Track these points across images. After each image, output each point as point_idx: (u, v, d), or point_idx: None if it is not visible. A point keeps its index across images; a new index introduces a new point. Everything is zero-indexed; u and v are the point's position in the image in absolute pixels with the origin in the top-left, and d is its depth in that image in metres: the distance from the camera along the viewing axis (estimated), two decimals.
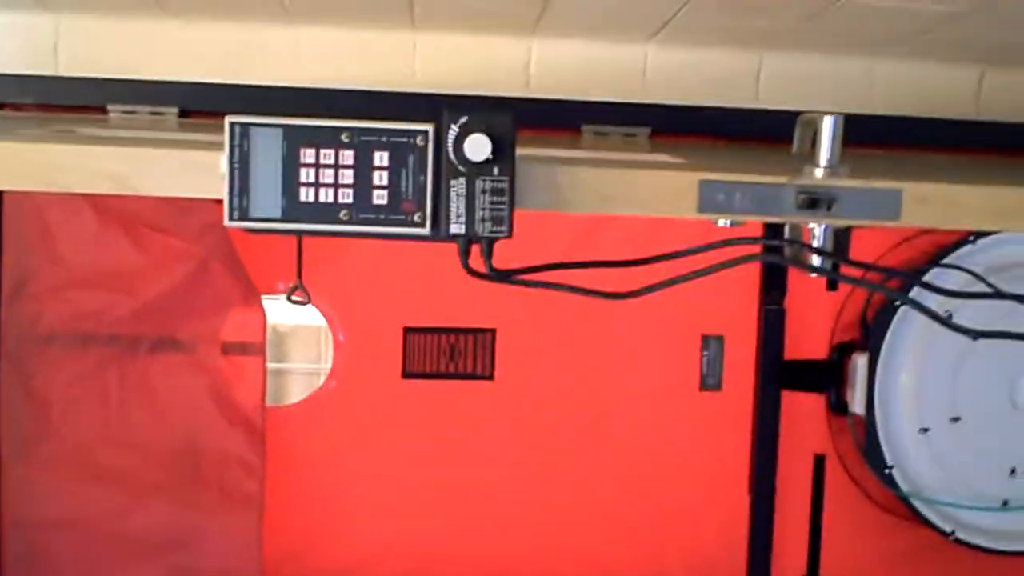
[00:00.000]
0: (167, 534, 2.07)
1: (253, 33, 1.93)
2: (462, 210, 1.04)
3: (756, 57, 2.04)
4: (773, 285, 2.12)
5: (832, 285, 2.13)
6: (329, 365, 2.16)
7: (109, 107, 1.90)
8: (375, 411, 2.15)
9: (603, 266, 1.21)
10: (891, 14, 1.67)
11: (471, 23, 1.92)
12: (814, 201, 1.07)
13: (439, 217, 1.04)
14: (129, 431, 2.06)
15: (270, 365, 2.12)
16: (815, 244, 1.17)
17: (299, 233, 1.05)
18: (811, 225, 1.15)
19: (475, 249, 1.08)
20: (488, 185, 1.03)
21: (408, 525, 2.16)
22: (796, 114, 1.30)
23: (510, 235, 1.05)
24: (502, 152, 1.02)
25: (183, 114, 1.93)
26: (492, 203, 1.03)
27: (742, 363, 2.17)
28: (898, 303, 1.95)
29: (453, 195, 1.04)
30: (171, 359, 2.07)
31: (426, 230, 1.05)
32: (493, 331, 2.15)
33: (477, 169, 1.03)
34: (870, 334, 1.99)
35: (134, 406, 2.06)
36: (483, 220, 1.04)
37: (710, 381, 2.17)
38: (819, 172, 1.13)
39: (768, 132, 1.97)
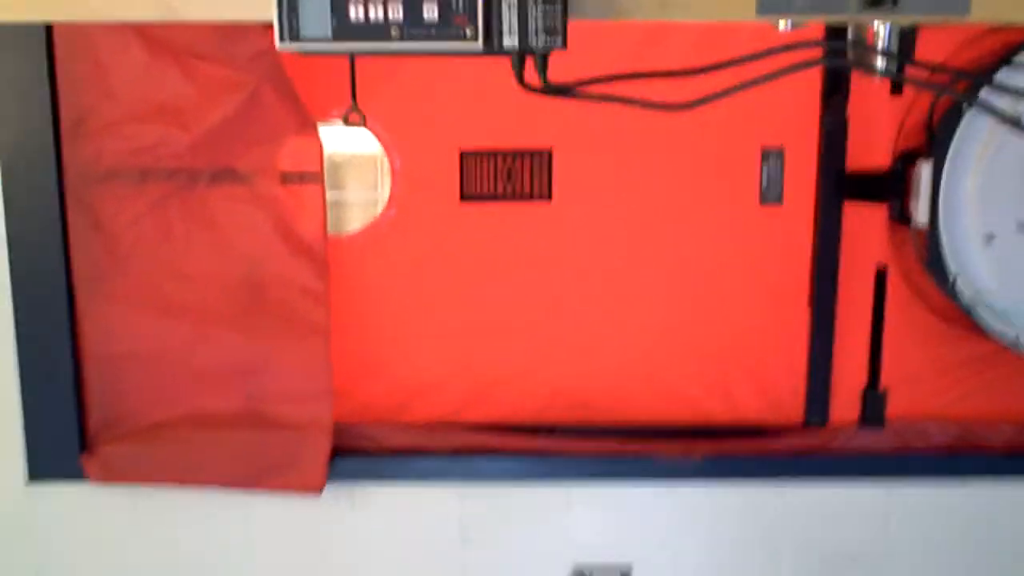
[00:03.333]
0: (237, 364, 2.13)
1: None
2: (514, 22, 1.01)
3: None
4: (834, 92, 2.06)
5: (896, 89, 2.06)
6: (387, 193, 2.17)
7: None
8: (434, 236, 2.17)
9: (660, 76, 1.18)
10: None
11: None
12: None
13: (491, 30, 1.02)
14: (194, 264, 2.10)
15: (329, 194, 2.13)
16: (880, 45, 1.13)
17: (351, 52, 1.03)
18: (875, 24, 1.11)
19: (530, 64, 1.06)
20: None
21: (469, 350, 2.21)
22: None
23: (565, 46, 1.02)
24: None
25: None
26: (545, 13, 1.01)
27: (803, 175, 2.13)
28: (966, 105, 1.89)
29: (505, 7, 1.01)
30: (230, 191, 2.09)
31: (478, 44, 1.02)
32: (550, 151, 2.14)
33: None
34: (935, 140, 1.94)
35: (197, 239, 2.10)
36: (536, 32, 1.01)
37: (771, 194, 2.15)
38: None
39: None
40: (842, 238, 2.12)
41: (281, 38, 1.01)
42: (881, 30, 1.12)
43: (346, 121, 1.44)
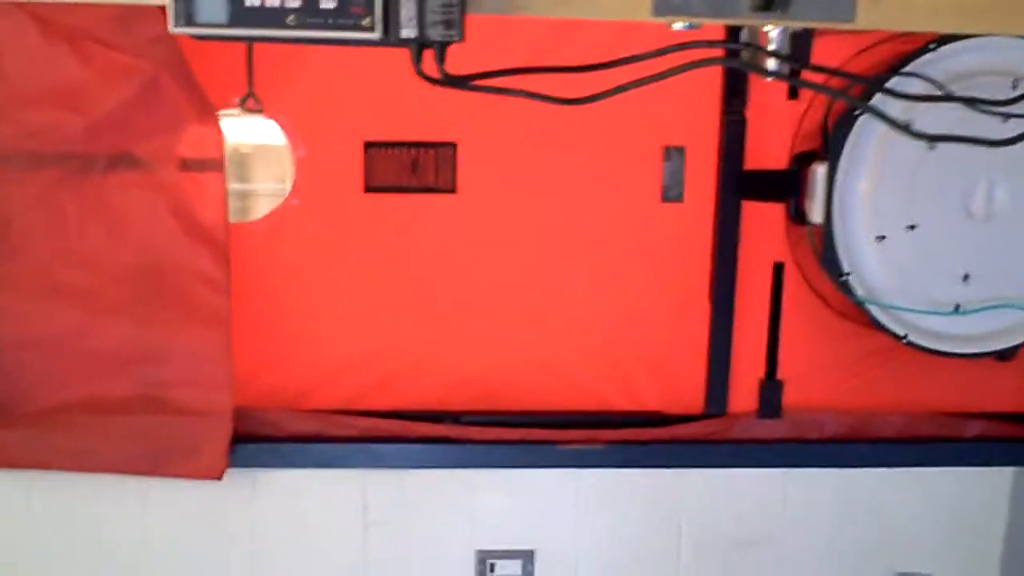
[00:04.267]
0: (134, 350, 2.09)
1: None
2: (413, 13, 1.01)
3: None
4: (734, 94, 2.10)
5: (793, 93, 2.12)
6: (291, 183, 2.15)
7: None
8: (338, 227, 2.16)
9: (559, 72, 1.19)
10: None
11: None
12: (768, 2, 1.05)
13: (389, 20, 1.02)
14: (89, 250, 2.06)
15: (233, 185, 2.10)
16: (772, 47, 1.16)
17: (246, 39, 1.02)
18: (767, 28, 1.13)
19: (428, 56, 1.06)
20: None
21: (373, 339, 2.20)
22: None
23: (461, 38, 1.02)
24: None
25: None
26: (443, 6, 1.01)
27: (703, 174, 2.17)
28: (858, 111, 1.94)
29: None
30: (128, 177, 2.05)
31: (376, 34, 1.02)
32: (454, 144, 2.14)
33: None
34: (830, 143, 1.99)
35: (92, 225, 2.05)
36: (434, 23, 1.02)
37: (672, 192, 2.18)
38: None
39: None
40: (741, 235, 2.17)
41: (176, 23, 1.00)
42: (773, 33, 1.14)
43: (242, 107, 1.42)
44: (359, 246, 2.16)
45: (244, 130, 2.12)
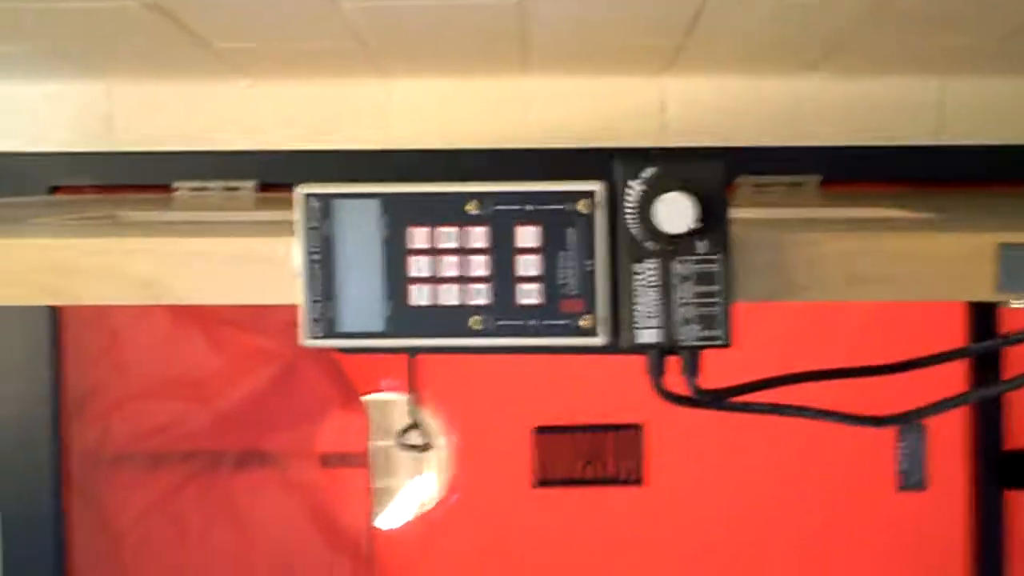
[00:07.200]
0: None
1: (339, 90, 1.64)
2: (654, 308, 0.69)
3: (939, 84, 1.70)
4: (987, 361, 1.72)
5: None
6: (446, 476, 1.82)
7: (175, 184, 1.62)
8: (502, 529, 1.81)
9: (852, 376, 0.85)
10: None
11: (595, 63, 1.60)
12: None
13: (619, 319, 0.70)
14: (216, 562, 1.77)
15: (376, 478, 1.79)
16: None
17: (411, 351, 0.71)
18: None
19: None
20: (692, 269, 0.68)
21: None
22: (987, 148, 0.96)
23: (728, 342, 0.69)
24: (713, 218, 0.67)
25: (263, 188, 1.64)
26: (699, 295, 0.68)
27: (949, 456, 1.77)
28: None
29: (639, 286, 0.69)
30: (260, 476, 1.77)
31: (600, 339, 0.70)
32: (640, 427, 1.79)
33: (674, 246, 0.68)
34: None
35: (219, 532, 1.77)
36: (686, 321, 0.69)
37: (912, 479, 1.77)
38: None
39: (955, 172, 1.69)
40: (1004, 532, 1.73)
41: (310, 334, 0.69)
42: None
43: (401, 443, 1.11)
44: (526, 552, 1.80)
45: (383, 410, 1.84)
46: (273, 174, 1.63)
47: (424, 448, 1.10)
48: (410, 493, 1.89)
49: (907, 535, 1.78)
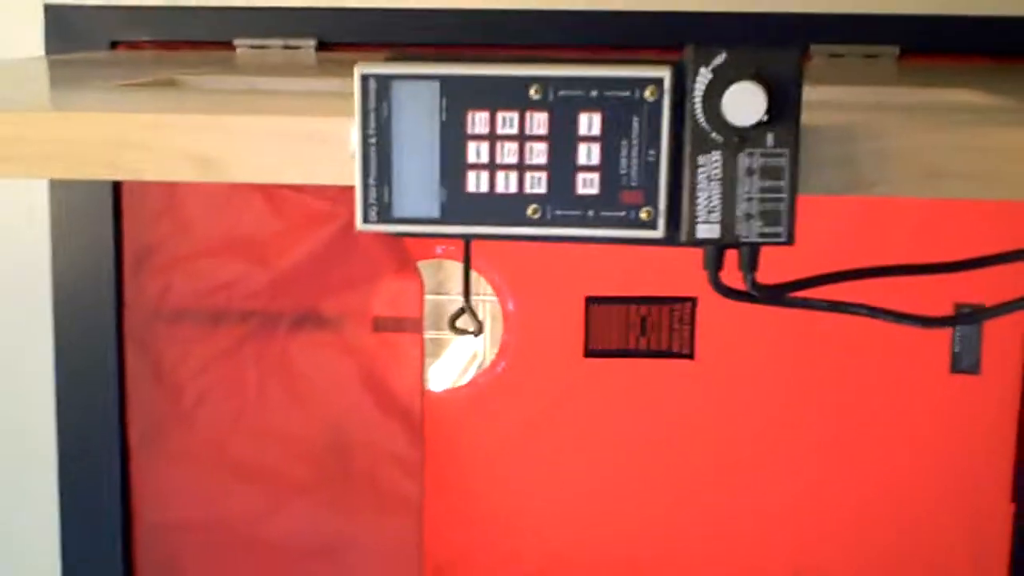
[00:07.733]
0: (313, 539, 1.81)
1: None
2: (716, 201, 0.67)
3: None
4: None
5: None
6: (497, 343, 1.84)
7: (236, 41, 1.60)
8: (551, 397, 1.82)
9: (909, 273, 0.83)
10: None
11: None
12: None
13: (679, 212, 0.68)
14: (269, 421, 1.81)
15: (429, 344, 1.81)
16: None
17: (467, 237, 0.70)
18: None
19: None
20: (758, 162, 0.66)
21: (589, 530, 1.84)
22: None
23: (791, 239, 0.68)
24: (782, 111, 0.65)
25: (322, 47, 1.62)
26: (764, 190, 0.66)
27: (1005, 340, 1.74)
28: None
29: (702, 179, 0.67)
30: (315, 338, 1.79)
31: (659, 232, 0.69)
32: (694, 300, 1.78)
33: (741, 138, 0.66)
34: None
35: (274, 393, 1.80)
36: (748, 216, 0.67)
37: (964, 362, 1.76)
38: None
39: None
40: None
41: (366, 218, 0.69)
42: None
43: (453, 327, 1.11)
44: (573, 423, 1.82)
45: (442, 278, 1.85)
46: (333, 33, 1.61)
47: (476, 333, 1.10)
48: (461, 359, 1.91)
49: (957, 418, 1.77)
